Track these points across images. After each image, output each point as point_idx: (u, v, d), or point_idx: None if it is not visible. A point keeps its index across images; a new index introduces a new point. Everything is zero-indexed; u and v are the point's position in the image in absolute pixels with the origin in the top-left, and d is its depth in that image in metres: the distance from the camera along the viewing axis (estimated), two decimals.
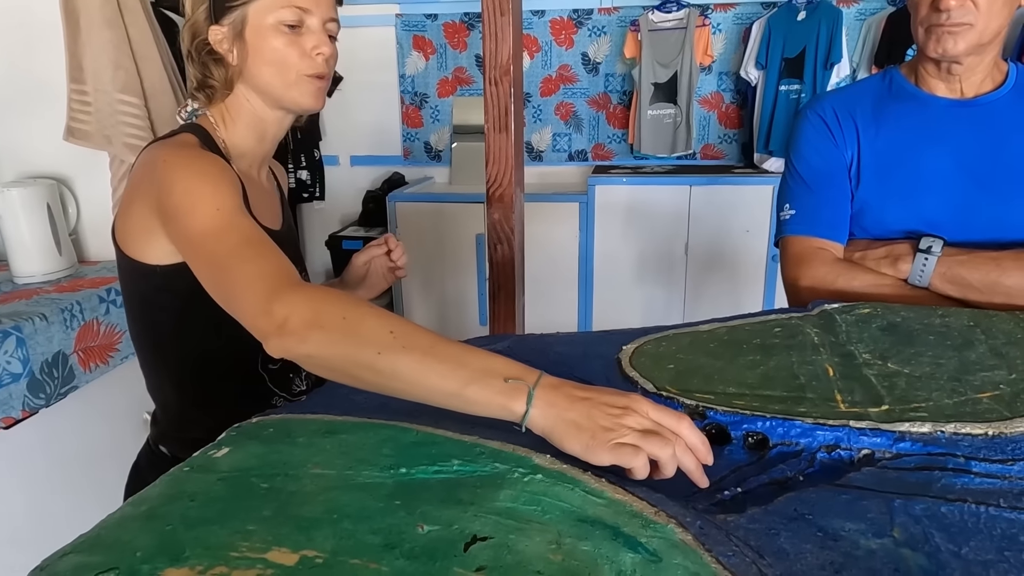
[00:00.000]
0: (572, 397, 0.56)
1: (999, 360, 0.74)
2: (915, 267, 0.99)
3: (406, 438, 0.57)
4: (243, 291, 0.68)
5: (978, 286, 0.96)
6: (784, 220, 1.13)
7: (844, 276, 1.03)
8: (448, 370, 0.58)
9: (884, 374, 0.71)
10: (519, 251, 1.48)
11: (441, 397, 0.58)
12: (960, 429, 0.60)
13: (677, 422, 0.56)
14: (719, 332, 0.84)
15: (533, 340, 0.89)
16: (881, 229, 1.07)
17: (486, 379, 0.57)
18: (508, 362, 0.60)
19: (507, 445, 0.56)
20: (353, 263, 1.10)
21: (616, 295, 3.17)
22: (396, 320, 0.62)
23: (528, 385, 0.57)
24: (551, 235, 3.11)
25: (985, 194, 1.01)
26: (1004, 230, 1.01)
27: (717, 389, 0.68)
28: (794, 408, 0.64)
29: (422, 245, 3.22)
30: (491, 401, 0.57)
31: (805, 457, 0.60)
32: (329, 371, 0.63)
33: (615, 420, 0.55)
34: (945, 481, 0.55)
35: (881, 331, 0.84)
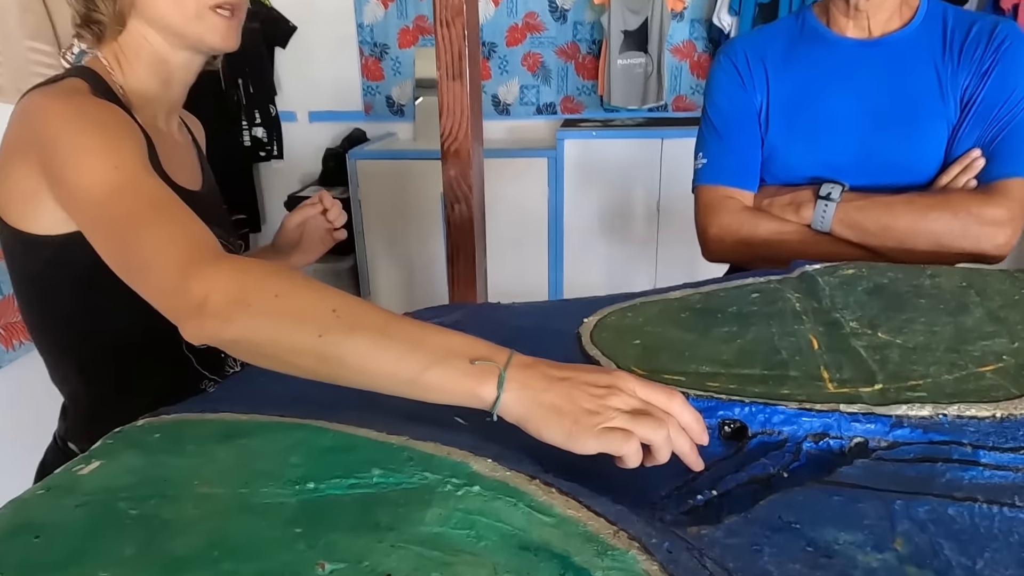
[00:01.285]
0: (549, 377, 0.48)
1: (998, 326, 0.67)
2: (816, 213, 0.99)
3: (320, 441, 0.48)
4: (150, 264, 0.56)
5: (873, 230, 0.96)
6: (697, 169, 1.12)
7: (749, 224, 1.04)
8: (403, 352, 0.49)
9: (875, 345, 0.63)
10: (478, 211, 1.38)
11: (396, 384, 0.49)
12: (964, 412, 0.52)
13: (668, 399, 0.48)
14: (691, 300, 0.76)
15: (487, 312, 0.80)
16: (787, 175, 1.06)
17: (448, 361, 0.49)
18: (473, 340, 0.51)
19: (441, 448, 0.47)
20: (284, 226, 0.98)
21: (586, 253, 3.09)
22: (339, 296, 0.52)
23: (498, 366, 0.48)
24: (519, 192, 3.00)
25: (885, 136, 1.00)
26: (903, 173, 1.01)
27: (689, 368, 0.60)
28: (776, 390, 0.56)
29: (386, 205, 3.08)
30: (455, 386, 0.48)
31: (789, 448, 0.52)
32: (260, 358, 0.53)
33: (599, 401, 0.47)
34: (951, 475, 0.47)
35: (868, 294, 0.76)
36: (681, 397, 0.48)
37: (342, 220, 0.99)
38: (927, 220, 0.92)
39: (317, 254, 1.01)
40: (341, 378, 0.50)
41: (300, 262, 1.00)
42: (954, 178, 0.96)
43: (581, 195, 3.02)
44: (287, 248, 0.99)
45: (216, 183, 0.96)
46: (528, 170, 3.00)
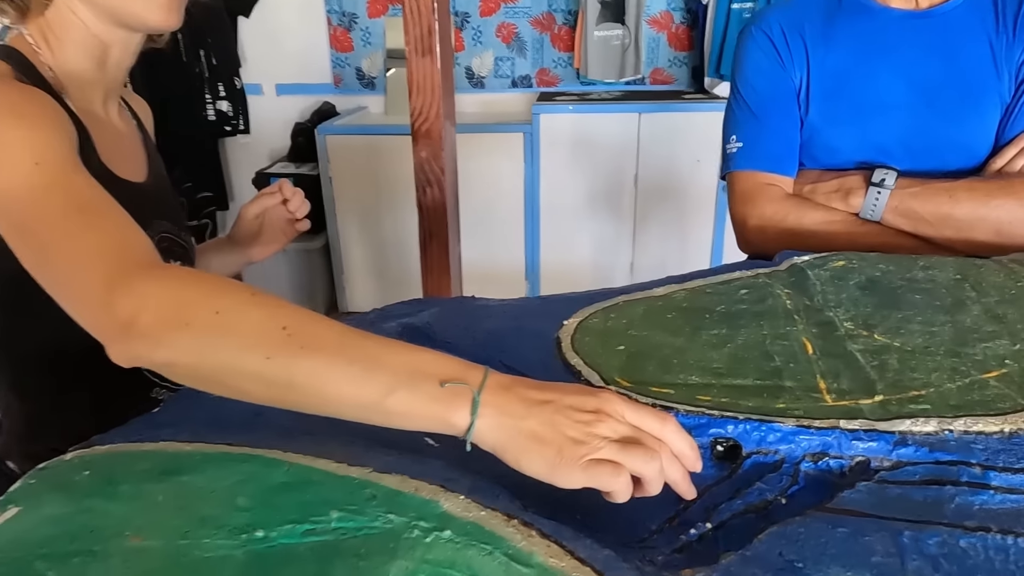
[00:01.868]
0: (529, 401, 0.44)
1: (997, 325, 0.64)
2: (867, 201, 0.92)
3: (272, 477, 0.43)
4: (72, 277, 0.50)
5: (929, 219, 0.89)
6: (730, 153, 1.03)
7: (794, 213, 0.95)
8: (363, 374, 0.44)
9: (871, 349, 0.60)
10: (451, 193, 1.32)
11: (356, 410, 0.44)
12: (971, 426, 0.49)
13: (661, 425, 0.44)
14: (676, 298, 0.71)
15: (460, 309, 0.75)
16: (830, 158, 0.99)
17: (415, 383, 0.44)
18: (443, 358, 0.46)
19: (408, 482, 0.42)
20: (242, 217, 0.91)
21: (564, 230, 3.04)
22: (290, 311, 0.46)
23: (471, 388, 0.44)
24: (495, 168, 2.93)
25: (936, 116, 0.93)
26: (954, 155, 0.94)
27: (677, 379, 0.55)
28: (771, 403, 0.52)
29: (358, 183, 2.99)
30: (423, 412, 0.43)
31: (787, 470, 0.48)
32: (200, 382, 0.47)
33: (586, 429, 0.43)
34: (960, 500, 0.44)
35: (860, 290, 0.72)
36: (674, 422, 0.44)
37: (304, 210, 0.93)
38: (989, 207, 0.85)
39: (278, 246, 0.95)
40: (294, 403, 0.44)
41: (260, 255, 0.94)
42: (1010, 161, 0.89)
43: (558, 171, 2.96)
44: (245, 240, 0.93)
45: (167, 171, 0.89)
46: (503, 145, 2.93)
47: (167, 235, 0.79)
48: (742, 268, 0.81)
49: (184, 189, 3.18)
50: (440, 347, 0.64)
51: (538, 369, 0.58)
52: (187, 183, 3.18)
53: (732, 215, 1.01)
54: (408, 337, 0.69)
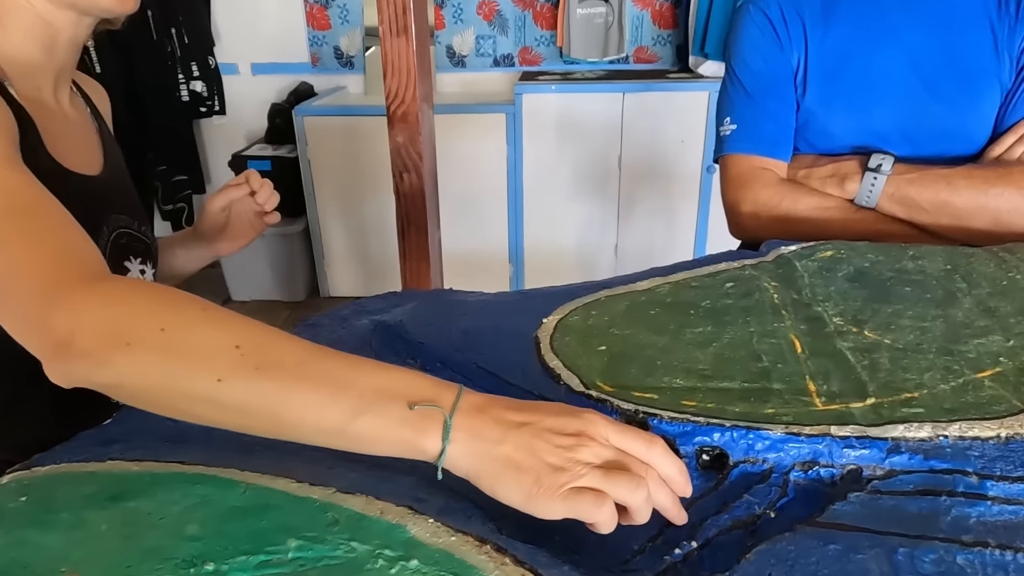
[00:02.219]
0: (506, 423, 0.41)
1: (990, 319, 0.62)
2: (863, 187, 0.90)
3: (226, 501, 0.39)
4: (6, 290, 0.46)
5: (926, 207, 0.87)
6: (724, 136, 1.00)
7: (788, 199, 0.93)
8: (325, 396, 0.40)
9: (862, 347, 0.57)
10: (430, 179, 1.28)
11: (318, 435, 0.41)
12: (966, 431, 0.47)
13: (647, 448, 0.41)
14: (660, 292, 0.69)
15: (433, 307, 0.72)
16: (825, 143, 0.96)
17: (381, 405, 0.40)
18: (413, 376, 0.43)
19: (374, 504, 0.40)
20: (207, 210, 0.87)
21: (548, 212, 3.00)
22: (246, 327, 0.43)
23: (443, 411, 0.40)
24: (476, 149, 2.88)
25: (936, 101, 0.91)
26: (953, 142, 0.92)
27: (661, 382, 0.53)
28: (759, 408, 0.49)
29: (337, 165, 2.93)
30: (391, 436, 0.40)
31: (775, 480, 0.46)
32: (148, 404, 0.43)
33: (566, 455, 0.40)
34: (956, 511, 0.42)
35: (849, 282, 0.70)
36: (662, 445, 0.41)
37: (274, 202, 0.89)
38: (988, 196, 0.83)
39: (246, 240, 0.91)
40: (250, 428, 0.41)
41: (228, 249, 0.90)
42: (1009, 148, 0.87)
43: (541, 152, 2.92)
44: (211, 234, 0.88)
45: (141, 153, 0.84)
46: (485, 126, 2.88)
47: (126, 230, 0.74)
48: (728, 259, 0.78)
49: (159, 172, 3.10)
50: (413, 348, 0.62)
51: (516, 372, 0.55)
52: (162, 166, 3.11)
53: (725, 200, 0.98)
54: (381, 336, 0.66)
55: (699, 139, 2.88)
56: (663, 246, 3.00)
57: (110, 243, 0.71)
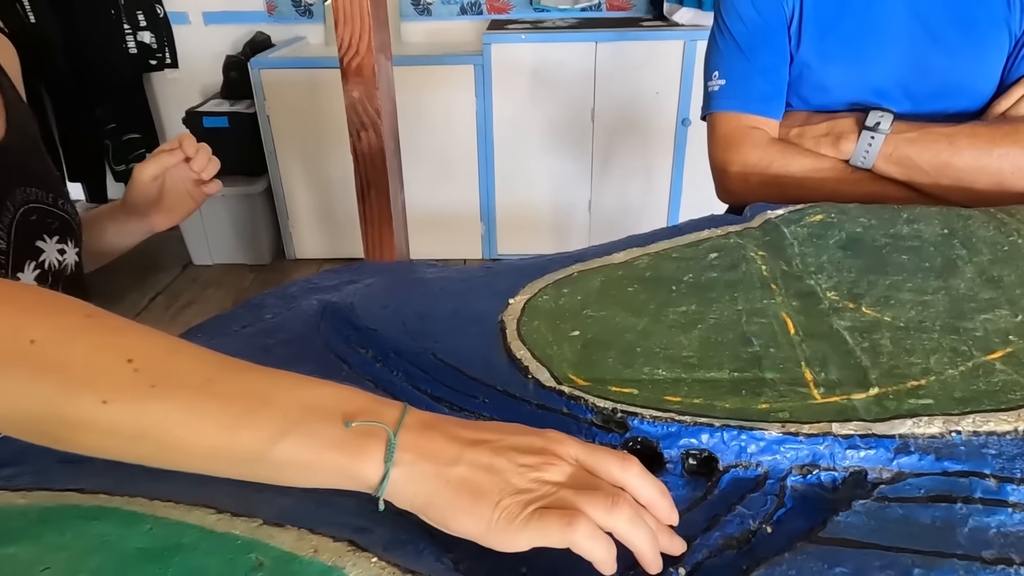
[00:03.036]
0: (460, 440, 0.35)
1: (995, 291, 0.57)
2: (859, 147, 0.83)
3: (129, 542, 0.33)
4: None
5: (926, 168, 0.81)
6: (712, 92, 0.92)
7: (779, 161, 0.87)
8: (239, 417, 0.34)
9: (860, 326, 0.52)
10: (390, 136, 1.19)
11: (232, 464, 0.34)
12: (981, 426, 0.42)
13: (621, 469, 0.35)
14: (638, 266, 0.63)
15: (388, 286, 0.65)
16: (821, 98, 0.90)
17: (309, 424, 0.34)
18: (346, 390, 0.36)
19: (307, 539, 0.33)
20: (137, 179, 0.77)
21: (520, 169, 2.91)
22: (138, 338, 0.35)
23: (385, 427, 0.34)
24: (444, 103, 2.76)
25: (939, 52, 0.84)
26: (956, 97, 0.86)
27: (642, 373, 0.47)
28: (751, 403, 0.44)
29: (299, 120, 2.79)
30: (321, 461, 0.34)
31: (771, 488, 0.40)
32: (19, 433, 0.36)
33: (531, 474, 0.34)
34: (974, 521, 0.37)
35: (842, 250, 0.65)
36: (638, 465, 0.35)
37: (212, 170, 0.79)
38: (992, 156, 0.77)
39: (184, 212, 0.81)
40: (149, 459, 0.34)
41: (164, 223, 0.80)
42: (1015, 104, 0.81)
43: (511, 105, 2.81)
44: (143, 207, 0.79)
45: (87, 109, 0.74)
46: (452, 78, 2.75)
47: (37, 206, 0.66)
48: (711, 225, 0.72)
49: (109, 130, 2.93)
50: (364, 335, 0.55)
51: (478, 364, 0.49)
52: (111, 124, 2.94)
53: (712, 161, 0.92)
54: (329, 320, 0.59)
55: (674, 91, 2.80)
56: (638, 202, 2.93)
57: (16, 221, 0.63)
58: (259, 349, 0.56)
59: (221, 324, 0.64)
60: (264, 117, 2.78)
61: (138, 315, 2.46)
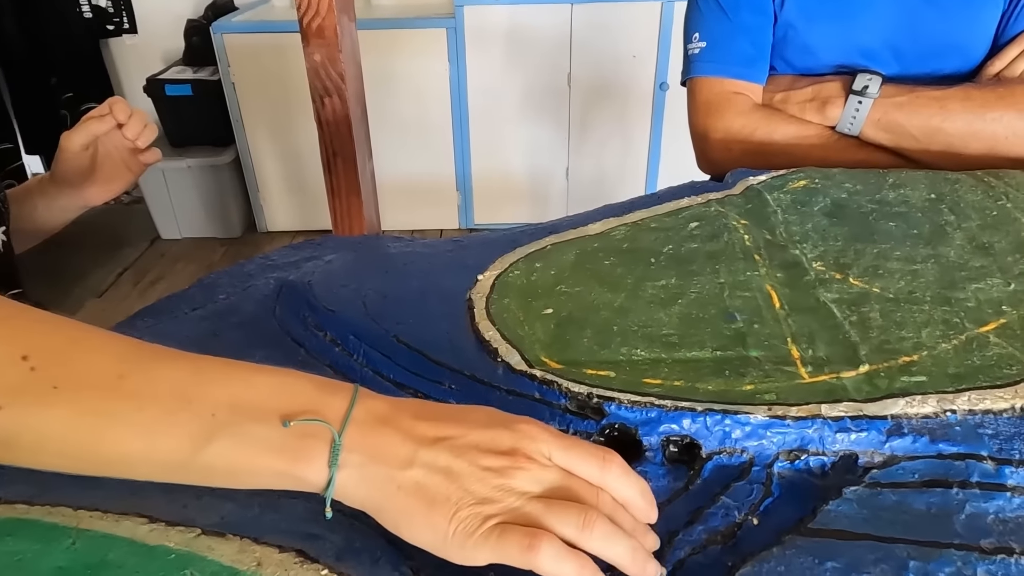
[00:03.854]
0: (416, 438, 0.31)
1: (985, 259, 0.54)
2: (846, 113, 0.79)
3: (47, 559, 0.29)
4: None
5: (916, 134, 0.77)
6: (692, 55, 0.88)
7: (763, 128, 0.83)
8: (159, 421, 0.29)
9: (848, 299, 0.49)
10: (356, 102, 1.13)
11: (153, 471, 0.30)
12: (976, 404, 0.40)
13: (600, 470, 0.32)
14: (615, 237, 0.59)
15: (351, 263, 0.61)
16: (806, 60, 0.86)
17: (241, 425, 0.30)
18: (287, 378, 0.32)
19: (249, 549, 0.30)
20: (65, 149, 0.71)
21: (496, 136, 2.84)
22: (39, 329, 0.31)
23: (329, 427, 0.30)
24: (417, 69, 2.67)
25: (931, 9, 0.80)
26: (948, 58, 0.82)
27: (619, 354, 0.44)
28: (736, 384, 0.41)
29: (265, 87, 2.69)
30: (256, 466, 0.30)
31: (757, 476, 0.38)
32: None
33: (495, 480, 0.30)
34: (972, 508, 0.35)
35: (827, 217, 0.62)
36: (619, 463, 0.32)
37: (148, 137, 0.74)
38: (985, 121, 0.74)
39: (122, 184, 0.76)
40: (56, 467, 0.30)
41: (99, 196, 0.75)
42: (1010, 64, 0.77)
43: (486, 70, 2.73)
44: (75, 179, 0.73)
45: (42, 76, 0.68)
46: (424, 42, 2.67)
47: None
48: (690, 192, 0.69)
49: (66, 100, 2.81)
50: (322, 316, 0.51)
51: (444, 347, 0.45)
52: (68, 93, 2.81)
53: (692, 128, 0.88)
54: (286, 301, 0.55)
55: (652, 54, 2.74)
56: (617, 169, 2.89)
57: None
58: (209, 333, 0.52)
59: (171, 306, 0.60)
60: (229, 84, 2.67)
61: (104, 292, 2.38)
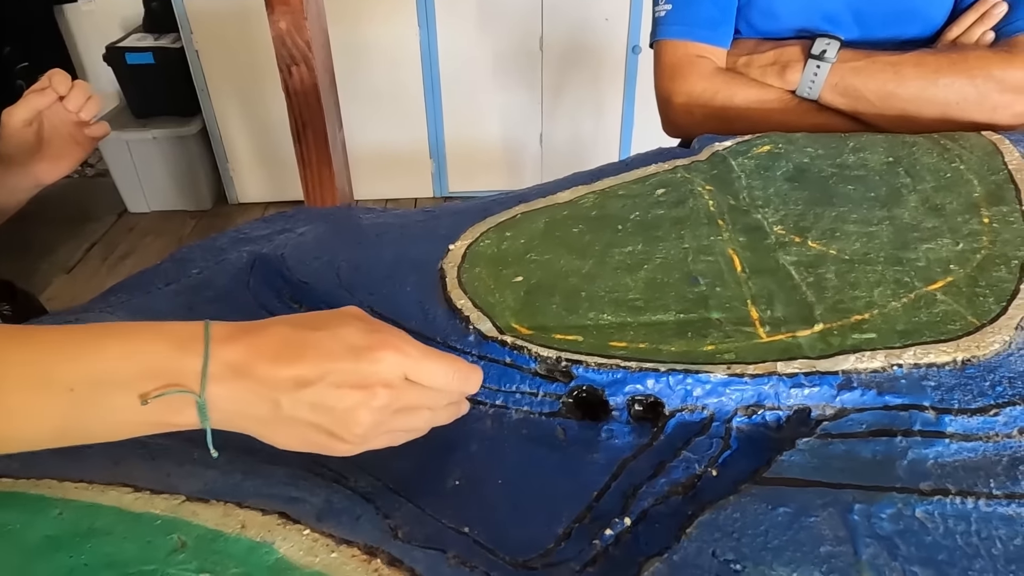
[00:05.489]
0: (274, 385, 0.31)
1: (937, 219, 0.57)
2: (805, 77, 0.80)
3: (36, 530, 0.31)
4: None
5: (871, 98, 0.79)
6: (658, 18, 0.88)
7: (724, 91, 0.83)
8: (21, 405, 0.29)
9: (806, 261, 0.52)
10: (324, 70, 1.12)
11: (29, 446, 0.30)
12: (921, 358, 0.42)
13: (454, 384, 0.37)
14: (584, 204, 0.60)
15: (324, 235, 0.61)
16: (769, 24, 0.86)
17: (102, 399, 0.30)
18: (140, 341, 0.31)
19: (233, 512, 0.31)
20: (7, 126, 0.67)
21: (468, 103, 2.82)
22: None
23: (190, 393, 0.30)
24: (385, 35, 2.62)
25: None
26: (908, 23, 0.83)
27: (587, 319, 0.45)
28: (697, 345, 0.43)
29: (231, 55, 2.62)
30: (130, 428, 0.31)
31: (716, 431, 0.40)
32: None
33: (352, 416, 0.32)
34: (913, 454, 0.37)
35: (789, 182, 0.64)
36: (479, 376, 0.38)
37: (92, 110, 0.70)
38: (937, 87, 0.75)
39: (72, 161, 0.72)
40: None
41: (50, 174, 0.71)
42: (967, 30, 0.78)
43: (457, 35, 2.69)
44: (21, 157, 0.69)
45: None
46: (392, 7, 2.61)
47: None
48: (658, 159, 0.70)
49: (20, 70, 2.72)
50: (296, 288, 0.52)
51: (416, 315, 0.47)
52: (23, 63, 2.72)
53: (657, 91, 0.88)
54: (259, 273, 0.56)
55: (624, 16, 2.72)
56: (590, 134, 2.89)
57: None
58: (184, 308, 0.52)
59: (144, 281, 0.60)
60: (192, 52, 2.60)
61: (73, 268, 2.34)
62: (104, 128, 0.73)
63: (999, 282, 0.48)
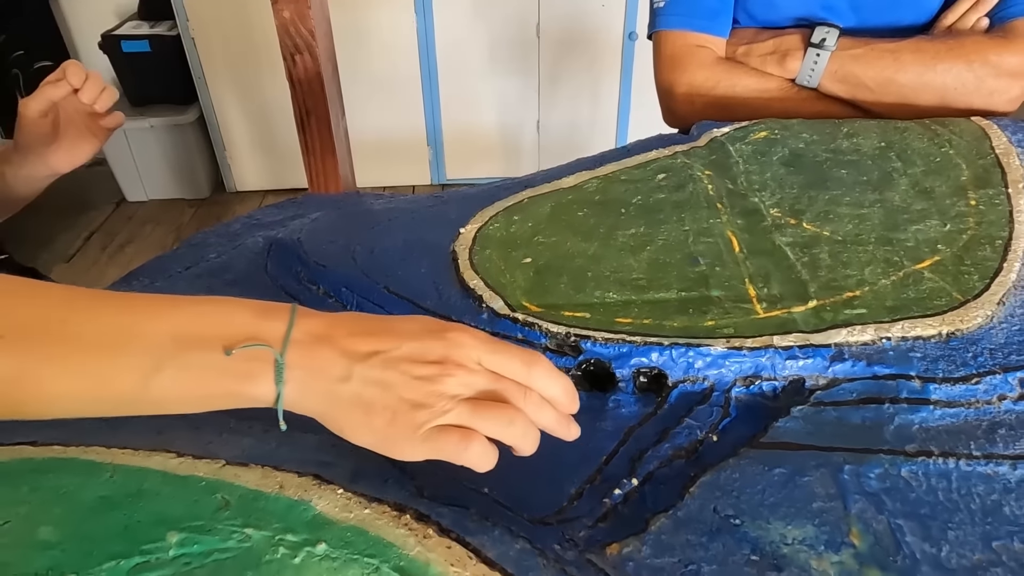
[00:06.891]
0: (351, 354, 0.33)
1: (926, 202, 0.59)
2: (805, 65, 0.82)
3: (90, 491, 0.33)
4: None
5: (871, 85, 0.81)
6: (657, 8, 0.90)
7: (725, 80, 0.85)
8: (105, 359, 0.30)
9: (801, 241, 0.54)
10: (327, 59, 1.13)
11: (105, 407, 0.31)
12: (909, 331, 0.45)
13: (527, 369, 0.35)
14: (588, 189, 0.63)
15: (336, 220, 0.64)
16: (768, 13, 0.88)
17: (185, 356, 0.31)
18: (226, 307, 0.33)
19: (271, 476, 0.34)
20: (23, 116, 0.69)
21: (466, 89, 2.82)
22: None
23: (271, 349, 0.32)
24: (383, 22, 2.63)
25: None
26: (904, 10, 0.85)
27: (593, 297, 0.48)
28: (698, 321, 0.46)
29: (228, 42, 2.62)
30: (207, 391, 0.32)
31: (717, 400, 0.43)
32: None
33: (427, 388, 0.33)
34: (900, 419, 0.40)
35: (784, 166, 0.66)
36: (544, 363, 0.35)
37: (107, 101, 0.71)
38: (936, 72, 0.76)
39: (88, 150, 0.73)
40: (6, 415, 0.31)
41: (65, 163, 0.73)
42: (962, 17, 0.80)
43: (453, 22, 2.70)
44: (37, 147, 0.71)
45: None
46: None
47: None
48: (659, 145, 0.72)
49: (16, 59, 2.71)
50: (313, 271, 0.54)
51: (431, 295, 0.49)
52: (18, 51, 2.71)
53: (657, 82, 0.90)
54: (276, 257, 0.58)
55: (620, 3, 2.72)
56: (587, 121, 2.90)
57: None
58: (204, 290, 0.55)
59: (163, 265, 0.62)
60: (189, 39, 2.60)
61: (72, 257, 2.36)
62: (119, 119, 0.74)
63: (983, 261, 0.51)
